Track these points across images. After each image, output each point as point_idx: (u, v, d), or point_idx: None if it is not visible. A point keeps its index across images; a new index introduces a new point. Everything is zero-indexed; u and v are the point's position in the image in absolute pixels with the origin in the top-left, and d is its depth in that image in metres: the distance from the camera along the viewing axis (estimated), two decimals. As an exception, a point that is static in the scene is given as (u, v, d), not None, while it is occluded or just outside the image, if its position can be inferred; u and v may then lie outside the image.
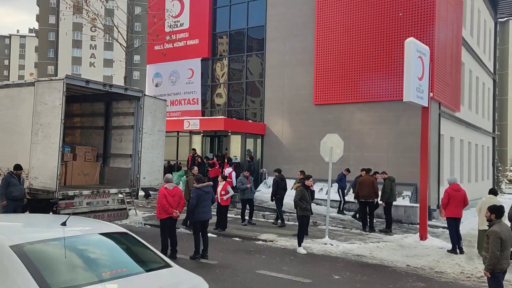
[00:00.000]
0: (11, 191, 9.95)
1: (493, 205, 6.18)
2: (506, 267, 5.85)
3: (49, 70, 71.56)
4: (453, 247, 10.22)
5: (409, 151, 15.49)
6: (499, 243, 5.73)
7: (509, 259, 5.86)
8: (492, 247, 5.76)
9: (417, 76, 10.93)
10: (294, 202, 9.81)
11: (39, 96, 10.59)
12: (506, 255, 5.80)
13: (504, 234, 5.78)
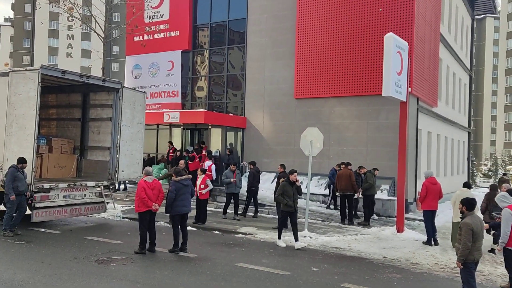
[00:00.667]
0: (17, 186, 9.76)
1: (465, 197, 6.33)
2: (478, 258, 6.01)
3: (24, 60, 69.59)
4: (428, 239, 10.45)
5: (388, 145, 15.72)
6: (471, 234, 5.88)
7: (481, 250, 6.02)
8: (464, 238, 5.91)
9: (396, 71, 11.06)
10: (274, 198, 9.74)
11: (14, 86, 10.32)
12: (478, 247, 5.96)
13: (475, 226, 5.94)
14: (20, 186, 9.79)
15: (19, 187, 9.78)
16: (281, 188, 9.64)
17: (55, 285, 6.28)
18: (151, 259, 8.16)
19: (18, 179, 9.76)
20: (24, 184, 9.88)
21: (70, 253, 8.31)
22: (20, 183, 9.79)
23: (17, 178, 9.75)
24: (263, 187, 17.14)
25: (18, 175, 9.77)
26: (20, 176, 9.79)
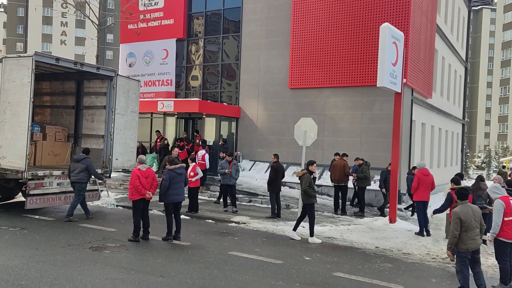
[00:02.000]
0: None
1: (458, 187, 6.43)
2: (472, 247, 6.04)
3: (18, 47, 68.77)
4: (421, 230, 10.57)
5: (382, 136, 15.79)
6: (459, 223, 5.97)
7: (476, 239, 6.06)
8: (451, 227, 6.02)
9: (391, 62, 11.06)
10: (303, 190, 9.34)
11: (7, 73, 10.25)
12: (471, 236, 6.02)
13: (464, 215, 6.02)
14: None
15: None
16: (307, 180, 9.38)
17: (49, 271, 6.32)
18: (145, 247, 8.21)
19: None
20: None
21: (64, 240, 8.34)
22: None
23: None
24: (257, 176, 17.24)
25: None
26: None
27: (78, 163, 10.45)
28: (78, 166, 10.42)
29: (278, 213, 11.89)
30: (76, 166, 10.43)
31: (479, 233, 6.13)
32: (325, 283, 6.52)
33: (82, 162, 10.47)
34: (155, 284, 6.01)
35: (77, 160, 10.50)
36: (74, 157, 10.71)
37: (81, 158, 10.54)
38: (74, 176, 10.41)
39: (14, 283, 5.73)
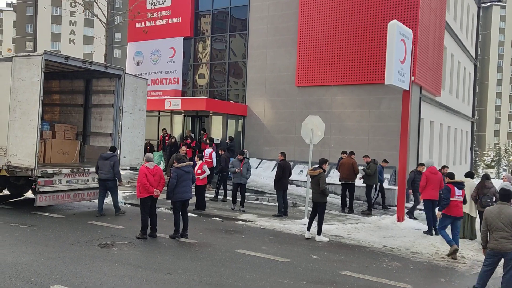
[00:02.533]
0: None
1: (502, 188, 6.57)
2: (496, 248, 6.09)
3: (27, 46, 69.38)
4: (429, 229, 10.50)
5: (389, 134, 15.71)
6: (484, 221, 6.27)
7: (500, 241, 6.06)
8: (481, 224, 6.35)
9: (399, 59, 10.98)
10: (322, 190, 9.21)
11: (17, 72, 10.35)
12: (494, 236, 6.10)
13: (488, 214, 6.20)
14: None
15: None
16: (325, 179, 9.35)
17: (59, 268, 6.38)
18: (152, 244, 8.26)
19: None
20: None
21: (73, 237, 8.42)
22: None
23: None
24: (264, 175, 17.25)
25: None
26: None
27: (106, 161, 10.80)
28: (108, 163, 10.77)
29: (285, 211, 11.89)
30: (105, 163, 10.78)
31: (506, 237, 6.05)
32: (333, 282, 6.51)
33: (110, 159, 10.83)
34: (163, 281, 6.05)
35: (106, 158, 10.82)
36: (103, 154, 10.98)
37: (109, 155, 10.88)
38: (104, 174, 10.75)
39: (24, 279, 5.80)
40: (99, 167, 10.85)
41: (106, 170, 10.74)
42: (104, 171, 10.76)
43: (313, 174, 9.44)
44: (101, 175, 10.82)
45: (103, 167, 10.78)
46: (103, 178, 10.80)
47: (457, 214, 8.58)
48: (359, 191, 14.35)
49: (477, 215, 10.11)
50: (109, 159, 10.81)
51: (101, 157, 10.92)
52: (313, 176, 9.44)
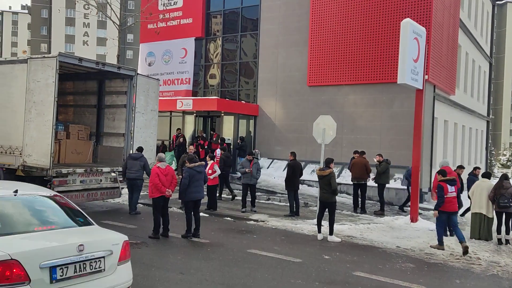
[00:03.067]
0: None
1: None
2: None
3: (42, 48, 70.47)
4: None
5: (402, 134, 15.55)
6: None
7: None
8: None
9: (413, 58, 10.86)
10: (334, 189, 9.23)
11: (32, 73, 10.48)
12: None
13: None
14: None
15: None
16: (335, 178, 9.36)
17: (72, 267, 6.45)
18: (165, 244, 8.30)
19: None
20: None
21: (86, 237, 8.50)
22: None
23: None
24: (275, 174, 17.22)
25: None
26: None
27: (136, 161, 11.13)
28: (137, 163, 11.10)
29: (296, 211, 11.85)
30: (134, 163, 11.11)
31: None
32: (345, 283, 6.46)
33: (140, 159, 11.17)
34: (176, 281, 6.08)
35: (135, 158, 11.16)
36: (132, 155, 11.32)
37: (139, 156, 11.22)
38: (133, 174, 11.04)
39: (39, 278, 5.88)
40: (128, 167, 11.17)
41: (135, 170, 11.08)
42: (133, 171, 11.09)
43: (323, 174, 9.38)
44: (130, 175, 11.14)
45: (132, 167, 11.11)
46: (132, 178, 11.11)
47: (452, 210, 8.91)
48: (372, 191, 14.24)
49: (494, 216, 9.94)
50: (139, 159, 11.19)
51: (131, 157, 11.28)
52: (323, 176, 9.38)
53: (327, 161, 9.68)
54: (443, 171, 9.29)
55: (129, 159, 11.33)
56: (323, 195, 9.41)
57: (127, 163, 11.28)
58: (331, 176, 9.27)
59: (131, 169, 11.12)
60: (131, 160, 11.24)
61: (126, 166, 11.25)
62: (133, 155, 11.37)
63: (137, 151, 11.48)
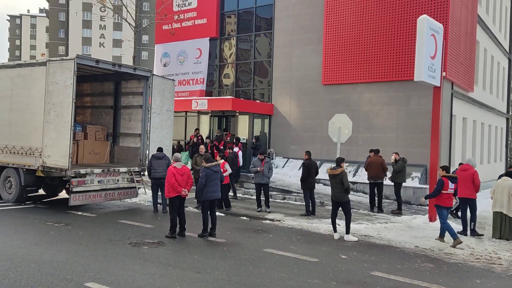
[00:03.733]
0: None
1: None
2: None
3: (60, 51, 71.72)
4: (464, 229, 10.18)
5: (419, 132, 15.34)
6: None
7: None
8: None
9: (430, 55, 10.71)
10: (347, 188, 9.19)
11: (51, 75, 10.68)
12: None
13: None
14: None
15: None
16: (347, 177, 9.29)
17: (92, 265, 6.55)
18: (181, 243, 8.36)
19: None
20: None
21: (105, 235, 8.63)
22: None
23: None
24: (290, 174, 17.18)
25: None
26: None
27: (160, 160, 11.39)
28: (162, 163, 11.35)
29: (313, 210, 11.80)
30: (159, 163, 11.36)
31: None
32: (363, 283, 6.41)
33: (164, 158, 11.45)
34: (192, 280, 6.11)
35: (160, 158, 11.42)
36: (155, 155, 11.55)
37: (162, 155, 11.49)
38: (159, 173, 11.25)
39: (60, 277, 5.99)
40: (153, 167, 11.37)
41: (161, 169, 11.24)
42: (159, 170, 11.29)
43: (334, 173, 9.28)
44: (155, 174, 11.34)
45: (157, 167, 11.32)
46: (158, 177, 11.27)
47: (449, 205, 9.33)
48: (388, 190, 14.09)
49: None
50: (163, 158, 11.47)
51: (154, 157, 11.51)
52: (335, 175, 9.28)
53: (338, 161, 9.60)
54: (447, 166, 9.65)
55: (153, 159, 11.50)
56: (335, 195, 9.34)
57: (152, 163, 11.46)
58: (343, 175, 9.21)
59: (157, 169, 11.30)
60: (155, 160, 11.43)
61: (151, 166, 11.44)
62: (157, 155, 11.55)
63: (158, 152, 11.65)
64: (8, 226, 9.17)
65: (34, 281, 5.77)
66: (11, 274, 6.00)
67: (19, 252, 7.16)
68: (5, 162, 11.79)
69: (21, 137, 11.43)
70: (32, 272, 6.15)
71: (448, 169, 9.59)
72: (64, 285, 5.64)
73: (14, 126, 11.63)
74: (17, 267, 6.35)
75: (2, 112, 11.88)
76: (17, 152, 11.48)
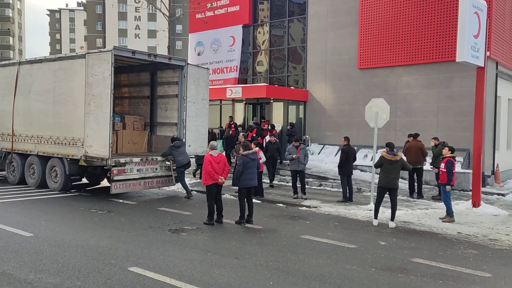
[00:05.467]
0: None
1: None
2: None
3: (97, 43, 73.77)
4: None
5: (462, 115, 14.73)
6: None
7: None
8: None
9: (473, 34, 10.21)
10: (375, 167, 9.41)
11: (90, 67, 11.00)
12: None
13: None
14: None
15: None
16: (379, 160, 9.12)
17: (135, 251, 6.78)
18: (219, 230, 8.49)
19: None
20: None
21: (146, 222, 8.90)
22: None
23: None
24: (326, 160, 17.00)
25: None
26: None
27: (181, 148, 12.02)
28: (183, 149, 12.08)
29: (350, 197, 11.65)
30: (180, 150, 11.99)
31: None
32: (403, 269, 6.28)
33: (182, 144, 12.18)
34: (231, 266, 6.21)
35: (179, 146, 12.01)
36: (176, 144, 12.01)
37: (181, 143, 12.20)
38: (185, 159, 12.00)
39: (105, 262, 6.24)
40: (175, 157, 11.85)
41: (183, 156, 11.92)
42: (182, 157, 11.86)
43: (396, 159, 8.93)
44: (182, 161, 11.89)
45: (179, 155, 11.84)
46: (185, 163, 11.96)
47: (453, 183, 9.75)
48: (428, 176, 13.68)
49: None
50: (183, 145, 12.10)
51: (175, 147, 11.91)
52: (395, 161, 8.95)
53: (392, 145, 9.31)
54: (452, 147, 9.96)
55: (173, 150, 11.88)
56: (390, 181, 8.89)
57: (173, 154, 11.89)
58: (403, 160, 9.14)
59: (179, 156, 11.85)
60: (176, 149, 11.88)
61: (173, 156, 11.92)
62: (176, 144, 11.95)
63: (176, 140, 12.07)
64: (55, 213, 9.63)
65: (81, 265, 6.04)
66: (59, 259, 6.31)
67: (66, 237, 7.51)
68: (51, 152, 12.33)
69: (64, 128, 11.89)
70: (78, 256, 6.44)
71: (453, 149, 9.91)
72: (109, 269, 5.87)
73: (57, 118, 12.11)
74: (65, 252, 6.67)
75: (46, 104, 12.39)
76: (61, 142, 11.97)
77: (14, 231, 7.80)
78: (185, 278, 5.61)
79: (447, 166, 9.58)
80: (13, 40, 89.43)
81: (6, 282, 5.33)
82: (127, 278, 5.55)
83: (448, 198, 9.62)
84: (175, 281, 5.49)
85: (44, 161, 12.64)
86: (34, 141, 12.78)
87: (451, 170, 9.49)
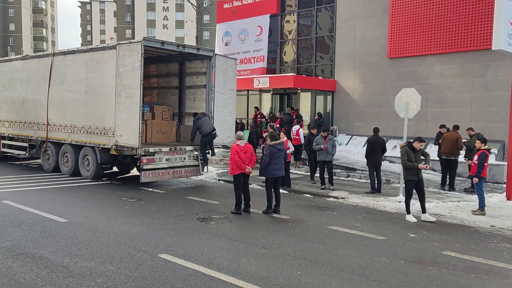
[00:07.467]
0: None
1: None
2: None
3: (127, 34, 75.05)
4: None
5: (497, 105, 14.22)
6: None
7: None
8: None
9: (510, 21, 9.79)
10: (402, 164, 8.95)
11: (121, 58, 11.20)
12: None
13: None
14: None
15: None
16: (403, 153, 8.80)
17: (164, 238, 6.94)
18: (247, 219, 8.56)
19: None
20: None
21: (175, 211, 9.07)
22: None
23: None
24: (354, 151, 16.81)
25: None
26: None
27: (205, 117, 12.31)
28: (207, 119, 12.34)
29: (378, 188, 11.50)
30: (205, 120, 12.27)
31: None
32: (434, 262, 6.18)
33: (205, 115, 12.47)
34: (259, 255, 6.26)
35: (200, 118, 12.27)
36: (199, 115, 12.34)
37: (203, 115, 12.45)
38: (209, 128, 12.19)
39: (136, 248, 6.42)
40: (200, 127, 12.08)
41: (207, 124, 12.16)
42: (205, 125, 12.08)
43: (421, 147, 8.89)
44: (206, 129, 12.05)
45: (203, 124, 12.11)
46: (209, 131, 12.11)
47: (485, 176, 9.52)
48: (461, 167, 13.31)
49: None
50: (205, 116, 12.38)
51: (197, 119, 12.28)
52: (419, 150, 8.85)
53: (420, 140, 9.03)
54: (484, 138, 9.68)
55: (196, 121, 12.17)
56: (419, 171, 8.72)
57: (198, 125, 12.09)
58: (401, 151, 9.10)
59: (205, 124, 12.08)
60: (199, 120, 12.12)
61: (198, 127, 12.12)
62: (198, 116, 12.26)
63: (199, 114, 12.39)
64: (88, 200, 9.95)
65: (113, 251, 6.24)
66: (93, 244, 6.53)
67: (99, 224, 7.75)
68: (83, 142, 12.71)
69: (96, 118, 12.21)
70: (111, 242, 6.65)
71: (486, 141, 9.67)
72: (140, 256, 6.04)
73: (89, 108, 12.43)
74: (98, 238, 6.89)
75: (79, 95, 12.73)
76: (93, 132, 12.30)
77: (50, 217, 8.11)
78: (213, 266, 5.71)
79: (480, 158, 9.34)
80: (46, 31, 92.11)
81: (43, 266, 5.57)
82: (158, 265, 5.69)
83: (481, 190, 9.37)
84: (204, 268, 5.59)
85: (77, 150, 13.04)
86: (67, 130, 13.19)
87: (483, 163, 9.28)
